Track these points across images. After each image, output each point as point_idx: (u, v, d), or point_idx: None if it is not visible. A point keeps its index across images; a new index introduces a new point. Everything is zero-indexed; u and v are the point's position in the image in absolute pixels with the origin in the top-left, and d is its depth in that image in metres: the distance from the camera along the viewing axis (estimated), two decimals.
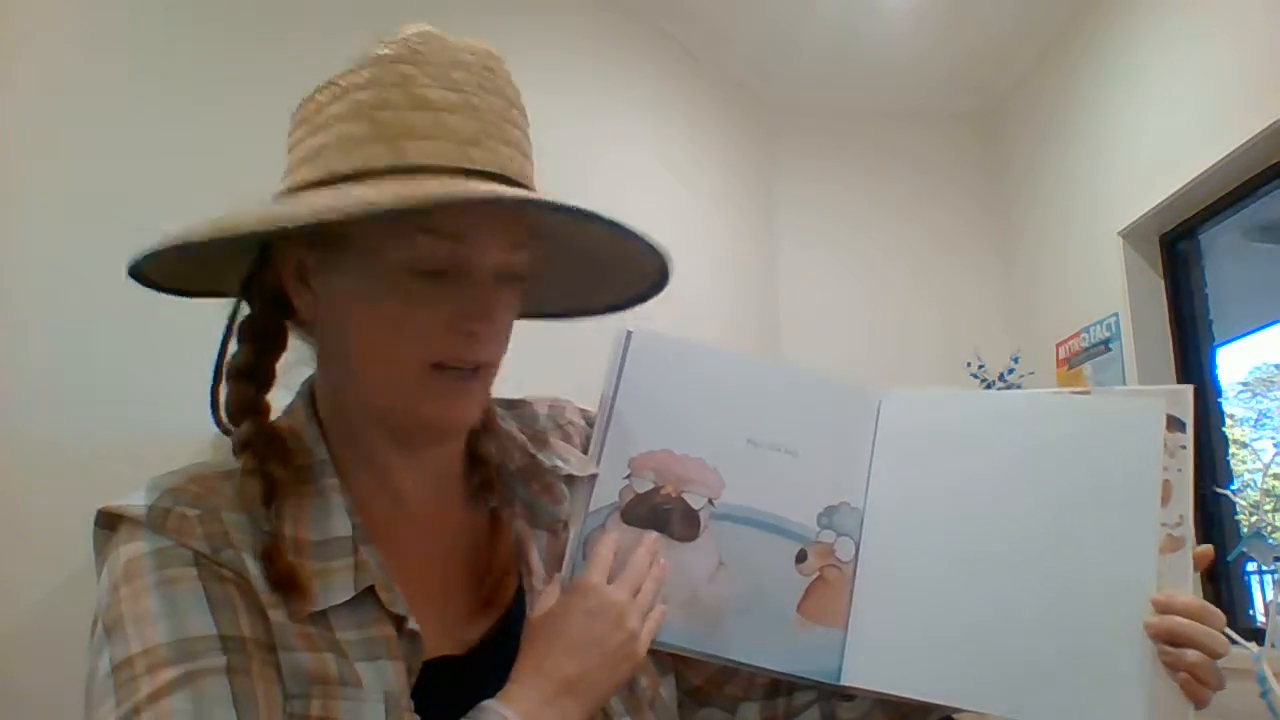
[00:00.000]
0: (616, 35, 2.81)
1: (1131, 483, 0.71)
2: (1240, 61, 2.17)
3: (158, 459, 0.69)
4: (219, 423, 0.67)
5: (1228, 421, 2.52)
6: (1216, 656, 0.66)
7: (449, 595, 0.70)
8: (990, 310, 3.33)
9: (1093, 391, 0.76)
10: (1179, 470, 0.70)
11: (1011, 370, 2.93)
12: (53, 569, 1.36)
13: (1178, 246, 2.66)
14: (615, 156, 2.70)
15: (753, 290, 3.20)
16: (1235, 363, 2.66)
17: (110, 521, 0.62)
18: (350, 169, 0.62)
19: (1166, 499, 0.70)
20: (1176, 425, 0.71)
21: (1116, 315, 2.68)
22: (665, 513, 0.75)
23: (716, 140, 3.16)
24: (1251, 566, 2.33)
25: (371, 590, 0.62)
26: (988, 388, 2.92)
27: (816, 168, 3.42)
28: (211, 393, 0.67)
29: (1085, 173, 2.88)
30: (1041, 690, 0.69)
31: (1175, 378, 2.60)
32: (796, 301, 3.31)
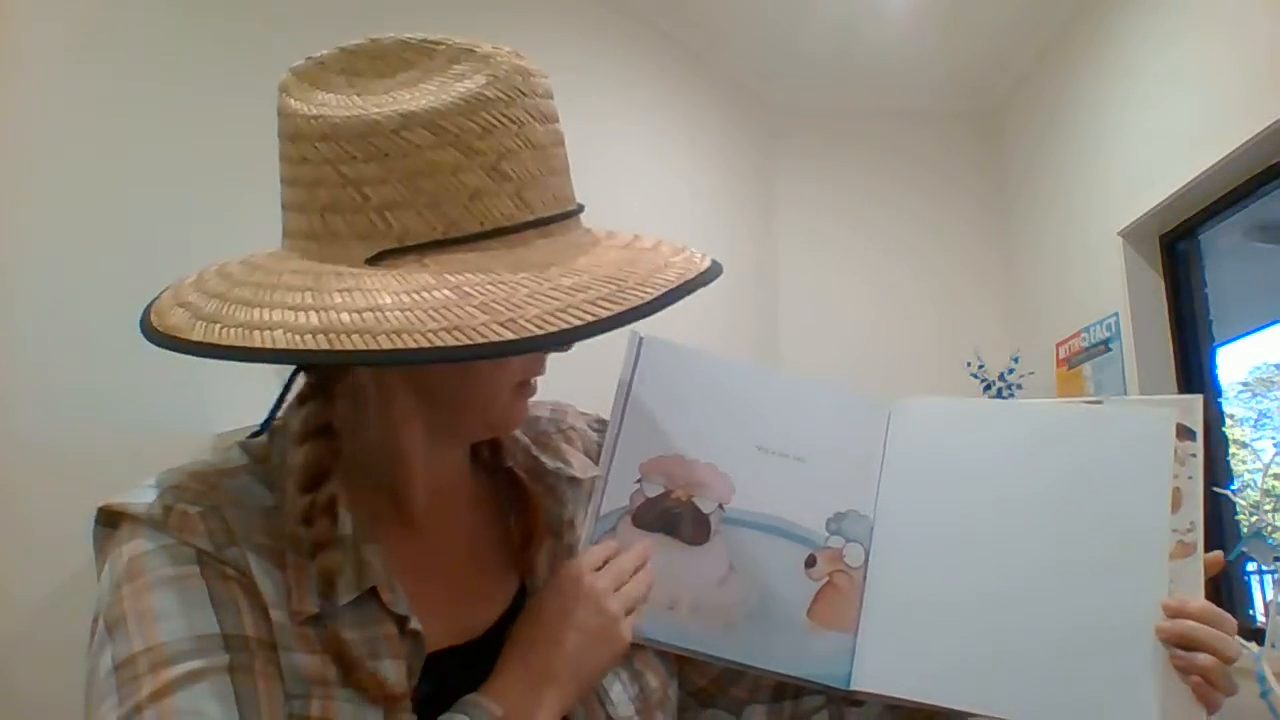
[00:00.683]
0: (617, 36, 2.82)
1: (1142, 490, 0.72)
2: (1240, 61, 2.16)
3: (158, 459, 0.68)
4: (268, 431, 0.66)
5: (1228, 421, 2.52)
6: (1229, 661, 0.66)
7: (452, 588, 0.70)
8: (990, 310, 3.33)
9: (1105, 401, 0.77)
10: (1189, 478, 0.71)
11: (1011, 370, 2.93)
12: (52, 570, 1.36)
13: (1178, 246, 2.66)
14: (615, 156, 2.70)
15: (752, 290, 3.20)
16: (1235, 363, 2.66)
17: (111, 519, 0.61)
18: (478, 226, 0.57)
19: (1177, 506, 0.71)
20: (1187, 434, 0.72)
21: (1116, 315, 2.68)
22: (675, 516, 0.76)
23: (716, 140, 3.17)
24: (1251, 566, 2.33)
25: (373, 591, 0.62)
26: (987, 387, 2.92)
27: (816, 167, 3.42)
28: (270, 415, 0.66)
29: (1085, 173, 2.88)
30: (1054, 695, 0.69)
31: (1175, 377, 2.60)
32: (796, 301, 3.31)
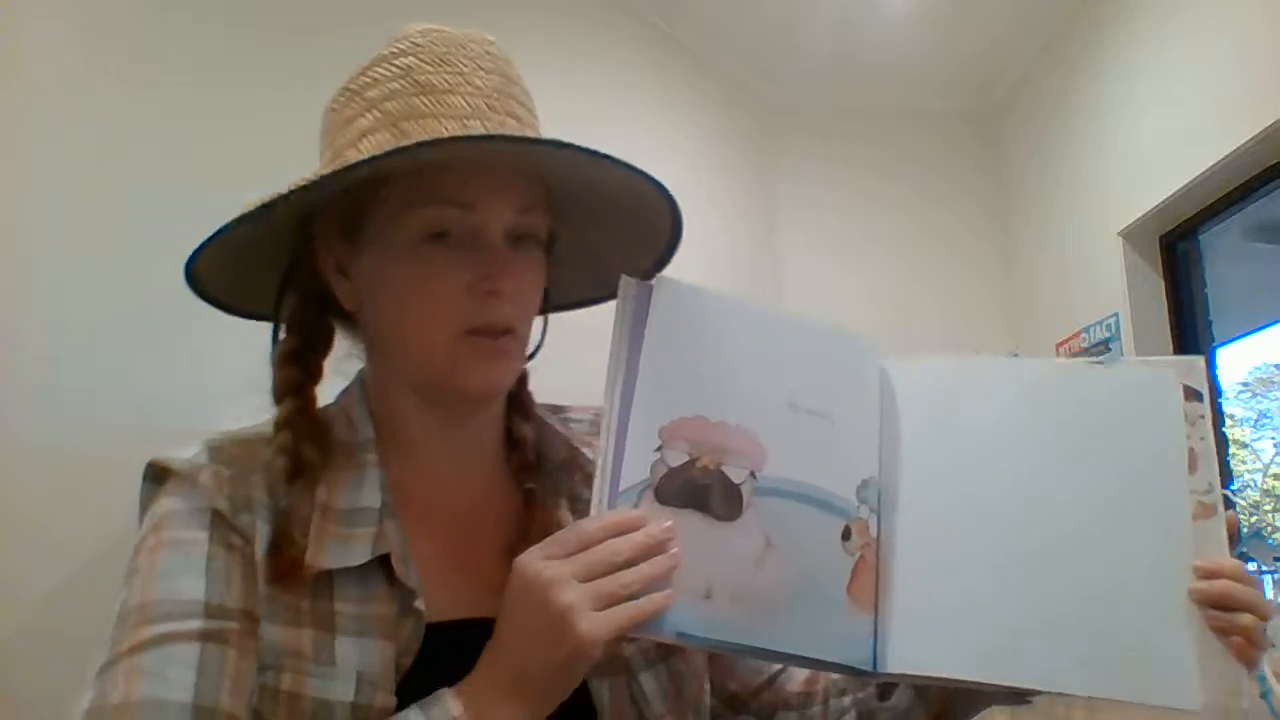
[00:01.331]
0: (617, 35, 2.81)
1: (1159, 451, 0.70)
2: (1240, 61, 2.16)
3: None
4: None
5: (1228, 422, 2.52)
6: (1266, 619, 0.65)
7: (468, 568, 0.71)
8: (990, 310, 3.33)
9: (1104, 360, 0.75)
10: (1201, 439, 0.70)
11: None
12: (52, 570, 1.36)
13: (1178, 246, 2.65)
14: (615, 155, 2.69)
15: (752, 290, 3.20)
16: (1235, 363, 2.66)
17: (158, 474, 0.66)
18: (360, 159, 0.64)
19: (1193, 467, 0.69)
20: (1194, 395, 0.71)
21: (1116, 315, 2.68)
22: (704, 489, 0.64)
23: (716, 140, 3.16)
24: (1251, 567, 2.33)
25: (382, 564, 0.64)
26: None
27: (817, 167, 3.42)
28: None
29: (1085, 173, 2.88)
30: (1088, 663, 0.66)
31: None
32: (796, 301, 3.30)
